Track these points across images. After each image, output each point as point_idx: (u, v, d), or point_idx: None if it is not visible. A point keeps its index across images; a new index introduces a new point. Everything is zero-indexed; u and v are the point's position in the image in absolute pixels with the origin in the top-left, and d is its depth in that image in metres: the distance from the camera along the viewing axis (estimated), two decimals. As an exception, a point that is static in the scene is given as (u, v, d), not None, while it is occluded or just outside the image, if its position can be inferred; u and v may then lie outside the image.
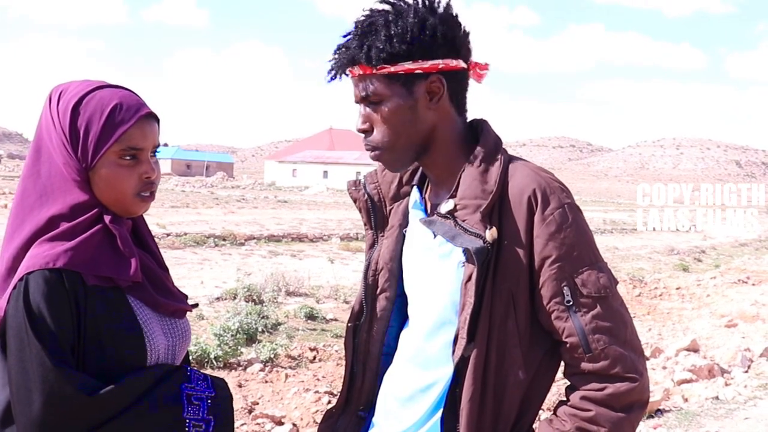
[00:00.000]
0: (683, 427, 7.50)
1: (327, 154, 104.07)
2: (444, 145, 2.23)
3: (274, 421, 7.54)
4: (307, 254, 21.98)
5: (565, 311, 2.07)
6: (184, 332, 2.35)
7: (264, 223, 29.90)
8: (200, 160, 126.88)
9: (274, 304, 13.09)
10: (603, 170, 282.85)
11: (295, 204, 48.97)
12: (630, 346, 2.09)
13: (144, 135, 2.19)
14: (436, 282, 2.23)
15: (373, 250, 2.45)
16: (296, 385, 8.93)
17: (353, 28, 2.19)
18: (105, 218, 2.16)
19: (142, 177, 2.20)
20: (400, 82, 2.15)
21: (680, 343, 11.24)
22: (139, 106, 2.20)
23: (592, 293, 2.07)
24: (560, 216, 2.09)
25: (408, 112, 2.17)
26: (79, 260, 2.07)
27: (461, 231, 2.11)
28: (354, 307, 2.47)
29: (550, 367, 2.20)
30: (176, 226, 25.35)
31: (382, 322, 2.43)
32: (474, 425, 2.11)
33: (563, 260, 2.07)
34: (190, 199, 45.32)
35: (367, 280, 2.43)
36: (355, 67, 2.17)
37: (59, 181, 2.15)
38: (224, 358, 9.40)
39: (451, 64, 2.16)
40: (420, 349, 2.28)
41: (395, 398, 2.34)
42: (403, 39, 2.11)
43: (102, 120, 2.13)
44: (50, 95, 2.21)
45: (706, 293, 17.97)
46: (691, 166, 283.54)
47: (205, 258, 19.68)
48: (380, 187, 2.45)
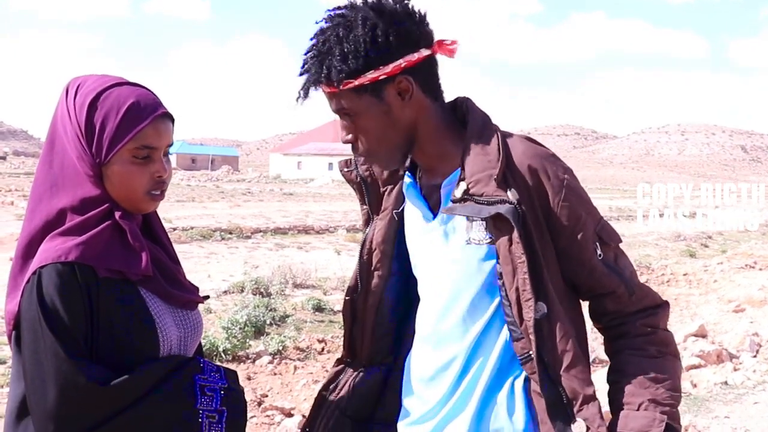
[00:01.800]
0: (692, 413, 7.49)
1: (332, 145, 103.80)
2: (428, 134, 2.27)
3: (284, 412, 7.56)
4: (313, 246, 21.98)
5: (602, 265, 2.21)
6: (195, 324, 2.37)
7: (270, 216, 29.88)
8: (205, 154, 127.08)
9: (281, 296, 13.11)
10: (608, 157, 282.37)
11: (300, 196, 48.96)
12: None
13: (159, 134, 2.21)
14: (444, 261, 2.27)
15: (368, 228, 2.52)
16: (305, 376, 8.95)
17: (310, 46, 2.21)
18: (115, 214, 2.17)
19: (154, 176, 2.22)
20: (368, 92, 2.16)
21: (688, 329, 11.23)
22: (155, 106, 2.21)
23: (613, 243, 2.25)
24: (568, 181, 2.19)
25: (384, 117, 2.20)
26: (90, 254, 2.09)
27: (484, 204, 2.14)
28: (350, 281, 2.57)
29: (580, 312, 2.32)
30: (182, 221, 25.36)
31: (375, 297, 2.52)
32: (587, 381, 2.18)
33: (586, 220, 2.19)
34: (195, 193, 45.33)
35: (362, 258, 2.52)
36: (320, 87, 2.20)
37: (71, 173, 2.16)
38: (233, 351, 9.43)
39: (413, 59, 2.17)
40: (435, 328, 2.32)
41: (419, 379, 2.39)
42: (357, 53, 2.12)
43: (118, 117, 2.14)
44: (67, 87, 2.22)
45: (714, 279, 17.94)
46: (697, 152, 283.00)
47: (211, 252, 19.69)
48: (371, 169, 2.48)
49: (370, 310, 2.52)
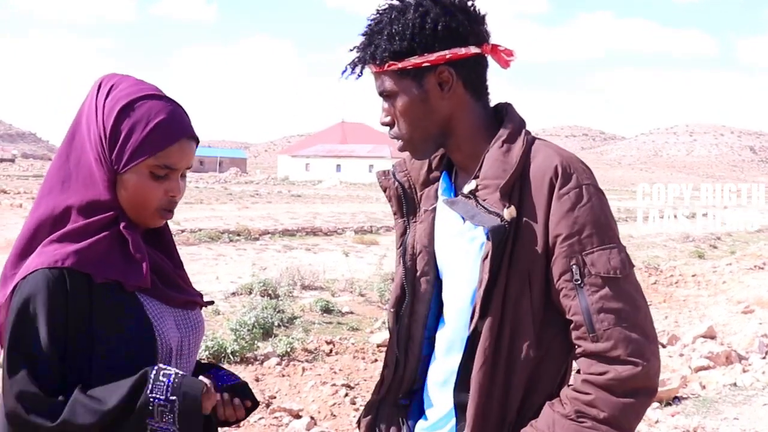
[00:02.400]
0: (701, 414, 7.49)
1: (339, 147, 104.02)
2: (464, 131, 2.26)
3: (292, 414, 7.57)
4: (321, 248, 21.99)
5: (573, 289, 2.08)
6: (196, 324, 2.35)
7: (278, 218, 29.93)
8: (213, 156, 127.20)
9: (289, 298, 13.10)
10: (616, 158, 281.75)
11: (308, 198, 49.02)
12: (640, 330, 2.07)
13: (182, 156, 2.20)
14: (465, 265, 2.26)
15: (406, 236, 2.46)
16: (313, 378, 8.96)
17: (365, 27, 2.25)
18: (120, 224, 2.16)
19: (168, 194, 2.21)
20: (410, 76, 2.20)
21: (697, 330, 11.22)
22: (185, 127, 2.21)
23: (600, 273, 2.06)
24: (575, 195, 2.09)
25: (421, 104, 2.22)
26: (87, 261, 2.08)
27: (481, 210, 2.13)
28: (395, 292, 2.48)
29: (562, 350, 2.20)
30: (191, 222, 25.41)
31: (424, 305, 2.43)
32: (482, 397, 2.13)
33: (573, 238, 2.08)
34: (204, 195, 45.45)
35: (405, 265, 2.44)
36: (367, 67, 2.24)
37: (85, 173, 2.15)
38: (241, 353, 9.43)
39: (459, 53, 2.18)
40: (453, 331, 2.31)
41: (434, 385, 2.38)
42: (404, 36, 2.16)
43: (146, 130, 2.13)
44: (100, 84, 2.21)
45: (722, 280, 17.93)
46: (705, 153, 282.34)
47: (219, 253, 19.71)
48: (410, 175, 2.47)
49: (418, 321, 2.44)
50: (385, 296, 13.13)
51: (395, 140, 2.32)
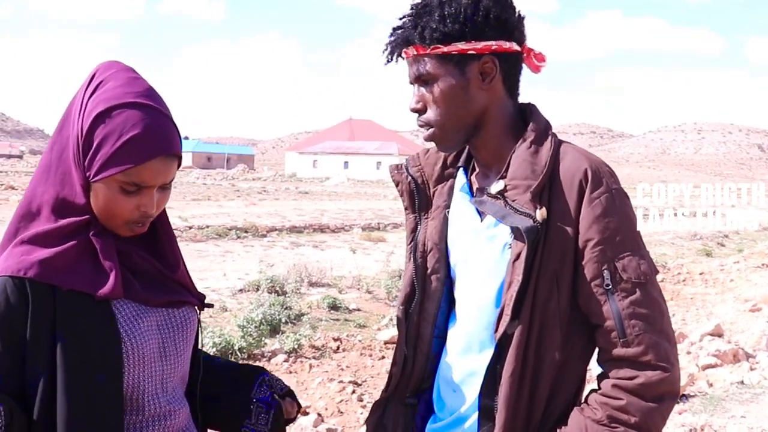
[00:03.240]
0: (708, 412, 7.48)
1: (347, 144, 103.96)
2: (494, 126, 2.25)
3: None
4: (328, 245, 22.01)
5: (604, 294, 2.07)
6: (182, 323, 2.22)
7: (285, 215, 29.95)
8: (221, 153, 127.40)
9: (297, 294, 13.14)
10: (624, 156, 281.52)
11: (316, 195, 49.03)
12: (665, 335, 2.08)
13: (153, 175, 2.03)
14: (484, 264, 2.24)
15: (417, 233, 2.43)
16: (320, 375, 8.98)
17: (409, 9, 2.23)
18: (90, 231, 2.06)
19: (140, 209, 2.06)
20: (453, 62, 2.17)
21: (704, 328, 11.19)
22: (159, 146, 2.02)
23: (632, 278, 2.07)
24: (607, 200, 2.09)
25: (460, 92, 2.20)
26: (52, 272, 1.99)
27: (511, 211, 2.12)
28: (404, 289, 2.44)
29: (584, 353, 2.20)
30: (198, 219, 25.46)
31: (434, 303, 2.40)
32: (512, 401, 2.11)
33: (605, 243, 2.07)
34: (211, 192, 45.47)
35: (416, 262, 2.41)
36: (410, 48, 2.20)
37: (64, 169, 2.05)
38: (248, 350, 9.45)
39: (504, 46, 2.18)
40: (468, 331, 2.29)
41: (447, 384, 2.36)
42: (456, 19, 2.14)
43: (116, 145, 1.98)
44: (93, 75, 2.10)
45: (730, 278, 17.89)
46: (713, 151, 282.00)
47: (227, 250, 19.74)
48: (423, 170, 2.45)
49: (428, 320, 2.41)
50: (393, 293, 13.15)
51: (423, 128, 2.27)
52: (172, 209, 29.62)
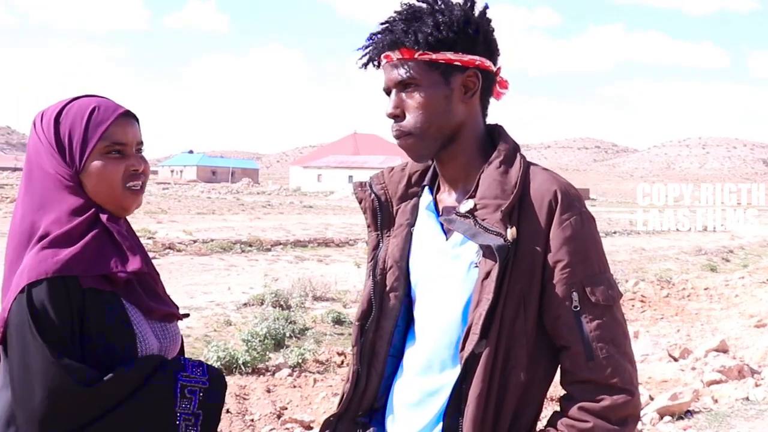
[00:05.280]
0: (713, 428, 7.46)
1: (352, 158, 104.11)
2: (467, 142, 2.27)
3: (303, 425, 7.57)
4: (333, 259, 21.99)
5: (572, 316, 2.09)
6: (174, 336, 2.44)
7: (290, 229, 29.94)
8: (225, 167, 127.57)
9: (301, 309, 13.15)
10: (629, 171, 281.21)
11: (320, 209, 49.02)
12: (628, 358, 2.12)
13: (125, 131, 2.35)
14: (448, 283, 2.24)
15: (378, 250, 2.43)
16: (324, 389, 8.97)
17: (394, 14, 2.24)
18: (102, 217, 2.28)
19: (129, 169, 2.34)
20: (439, 70, 2.19)
21: (709, 344, 11.19)
22: (115, 107, 2.37)
23: (600, 301, 2.09)
24: (576, 222, 2.11)
25: (443, 101, 2.21)
26: (76, 264, 2.17)
27: (481, 230, 2.12)
28: (361, 306, 2.44)
29: (547, 375, 2.21)
30: (203, 233, 25.45)
31: (390, 321, 2.39)
32: (478, 422, 2.11)
33: (575, 266, 2.09)
34: (216, 206, 45.51)
35: (375, 278, 2.40)
36: (395, 52, 2.21)
37: (53, 191, 2.27)
38: (252, 364, 9.45)
39: (486, 64, 2.22)
40: (429, 350, 2.28)
41: (403, 404, 2.33)
42: (450, 28, 2.17)
43: (83, 123, 2.30)
44: (34, 120, 2.36)
45: (735, 293, 17.87)
46: (718, 165, 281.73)
47: (231, 264, 19.74)
48: (387, 188, 2.45)
49: (384, 337, 2.40)
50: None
51: (398, 137, 2.26)
52: (177, 223, 29.70)
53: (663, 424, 7.66)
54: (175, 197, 53.38)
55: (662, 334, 13.12)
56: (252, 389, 8.86)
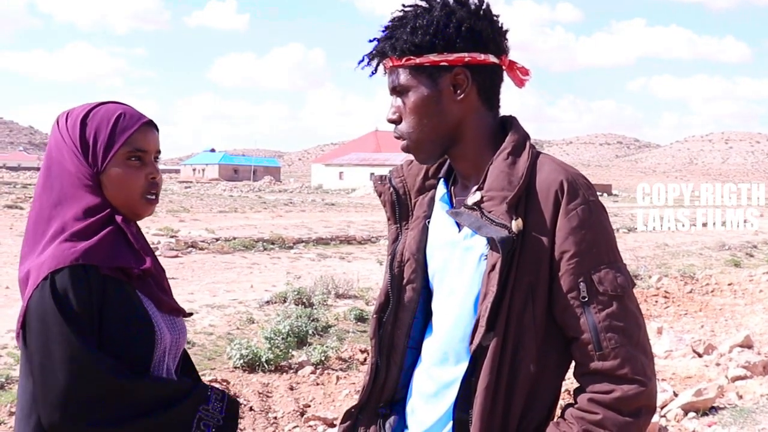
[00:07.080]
0: (738, 425, 7.42)
1: (373, 156, 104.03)
2: (472, 138, 2.26)
3: (326, 423, 7.58)
4: (355, 256, 22.00)
5: (580, 307, 2.08)
6: (182, 329, 2.53)
7: (312, 227, 29.98)
8: (247, 165, 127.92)
9: (323, 306, 13.17)
10: (651, 166, 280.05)
11: (342, 206, 49.06)
12: (641, 348, 2.09)
13: (147, 139, 2.45)
14: (460, 275, 2.24)
15: (397, 243, 2.45)
16: (347, 387, 8.97)
17: (388, 22, 2.26)
18: (117, 218, 2.35)
19: (148, 177, 2.44)
20: (425, 73, 2.20)
21: (734, 340, 11.11)
22: (140, 115, 2.46)
23: (608, 291, 2.07)
24: (583, 212, 2.09)
25: (432, 103, 2.22)
26: (95, 255, 2.26)
27: (487, 222, 2.12)
28: (379, 298, 2.46)
29: (560, 367, 2.20)
30: (225, 231, 25.52)
31: (408, 313, 2.41)
32: (487, 414, 2.10)
33: (582, 255, 2.07)
34: (238, 204, 45.61)
35: (392, 271, 2.42)
36: (386, 60, 2.24)
37: (72, 189, 2.34)
38: (275, 361, 9.47)
39: (478, 58, 2.20)
40: (444, 342, 2.29)
41: (420, 395, 2.35)
42: (427, 31, 2.17)
43: (109, 127, 2.38)
44: (57, 119, 2.44)
45: (759, 288, 17.76)
46: (741, 161, 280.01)
47: (254, 262, 19.78)
48: (406, 181, 2.47)
49: (402, 329, 2.42)
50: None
51: (399, 140, 2.30)
52: (199, 221, 29.79)
53: (687, 420, 7.63)
54: (197, 196, 53.54)
55: (686, 330, 13.06)
56: (275, 387, 8.88)
